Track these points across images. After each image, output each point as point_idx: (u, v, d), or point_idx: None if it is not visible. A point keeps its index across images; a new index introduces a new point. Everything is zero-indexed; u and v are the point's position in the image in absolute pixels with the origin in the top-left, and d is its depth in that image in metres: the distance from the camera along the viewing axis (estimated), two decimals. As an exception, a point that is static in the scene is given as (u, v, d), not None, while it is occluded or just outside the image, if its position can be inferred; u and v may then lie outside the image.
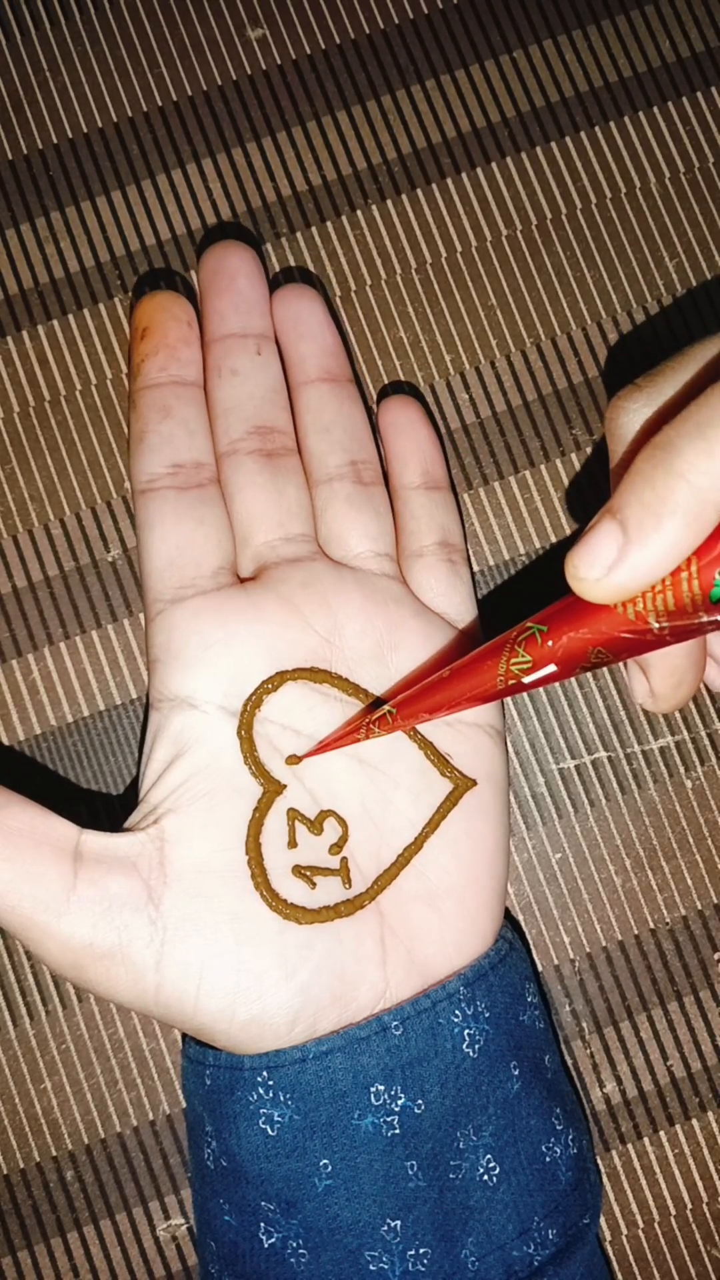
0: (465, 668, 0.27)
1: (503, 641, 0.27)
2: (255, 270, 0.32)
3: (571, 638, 0.25)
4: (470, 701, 0.27)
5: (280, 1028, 0.28)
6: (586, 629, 0.25)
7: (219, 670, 0.30)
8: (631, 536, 0.23)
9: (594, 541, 0.23)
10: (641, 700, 0.28)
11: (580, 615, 0.25)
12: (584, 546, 0.23)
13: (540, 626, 0.26)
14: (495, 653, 0.27)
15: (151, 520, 0.30)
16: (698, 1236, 0.33)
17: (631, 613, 0.24)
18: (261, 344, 0.32)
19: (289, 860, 0.29)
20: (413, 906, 0.30)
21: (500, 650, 0.27)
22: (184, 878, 0.28)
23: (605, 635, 0.25)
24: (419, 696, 0.28)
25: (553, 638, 0.25)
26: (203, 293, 0.32)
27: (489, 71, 0.35)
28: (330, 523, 0.32)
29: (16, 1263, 0.33)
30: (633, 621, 0.24)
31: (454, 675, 0.28)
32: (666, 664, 0.27)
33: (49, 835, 0.28)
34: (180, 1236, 0.33)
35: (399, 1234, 0.28)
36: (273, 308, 0.32)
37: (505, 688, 0.27)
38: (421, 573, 0.32)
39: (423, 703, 0.28)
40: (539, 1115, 0.30)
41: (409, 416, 0.33)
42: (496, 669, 0.27)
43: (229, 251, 0.31)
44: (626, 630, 0.24)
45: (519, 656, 0.26)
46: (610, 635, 0.25)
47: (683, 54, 0.35)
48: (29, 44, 0.35)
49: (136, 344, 0.31)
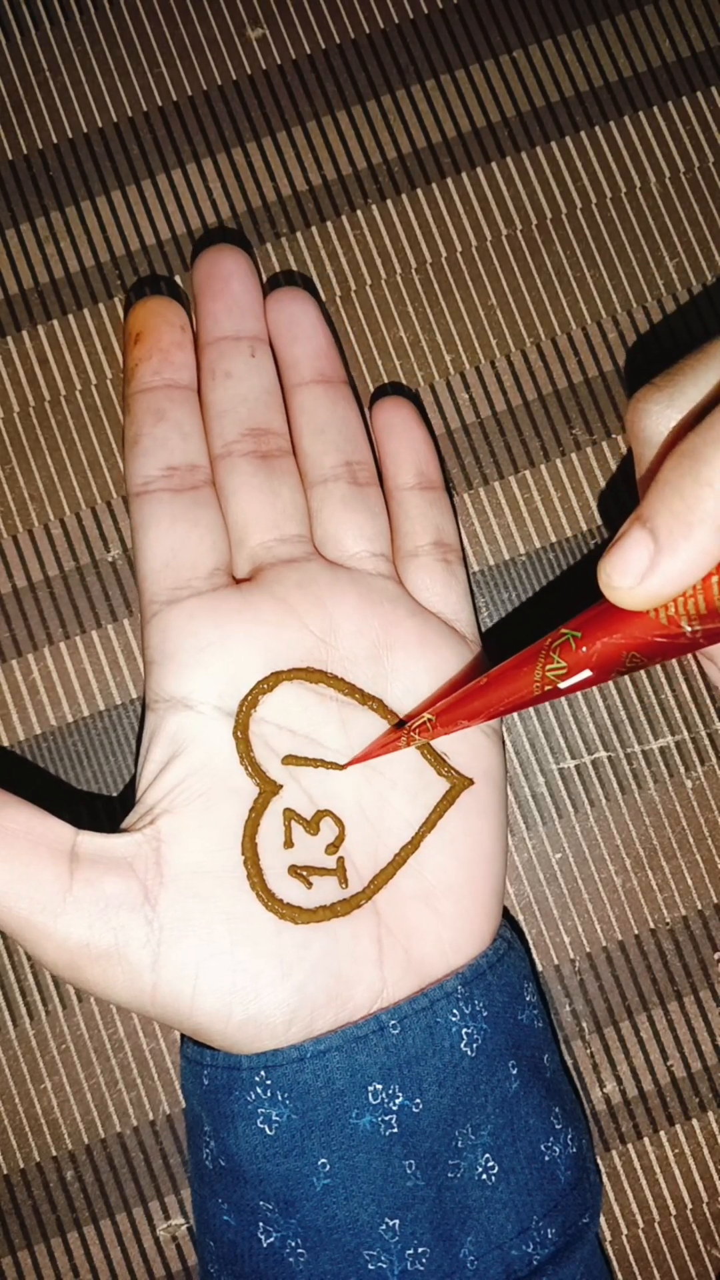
0: (502, 675, 0.28)
1: (538, 648, 0.27)
2: (248, 273, 0.32)
3: (606, 643, 0.26)
4: (508, 708, 0.28)
5: (277, 1027, 0.28)
6: (620, 634, 0.25)
7: (215, 671, 0.30)
8: (662, 545, 0.23)
9: (626, 550, 0.24)
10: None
11: (613, 621, 0.26)
12: (616, 555, 0.24)
13: (575, 633, 0.26)
14: (531, 659, 0.27)
15: (146, 523, 0.30)
16: (698, 1236, 0.33)
17: (664, 617, 0.25)
18: (255, 346, 0.32)
19: (285, 860, 0.29)
20: (410, 906, 0.30)
21: (536, 657, 0.27)
22: (180, 878, 0.28)
23: (639, 640, 0.25)
24: (458, 704, 0.29)
25: (587, 644, 0.26)
26: (196, 296, 0.32)
27: (489, 71, 0.35)
28: (326, 523, 0.32)
29: (16, 1263, 0.33)
30: (665, 626, 0.25)
31: (491, 682, 0.28)
32: None
33: (45, 836, 0.28)
34: (180, 1236, 0.33)
35: (397, 1233, 0.28)
36: (266, 310, 0.32)
37: (542, 694, 0.27)
38: (417, 573, 0.32)
39: (461, 709, 0.29)
40: (538, 1114, 0.30)
41: (402, 417, 0.33)
42: (533, 675, 0.27)
43: (222, 255, 0.32)
44: (660, 635, 0.25)
45: (554, 663, 0.27)
46: (644, 640, 0.25)
47: (683, 54, 0.35)
48: (29, 44, 0.35)
49: (130, 349, 0.31)
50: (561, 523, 0.34)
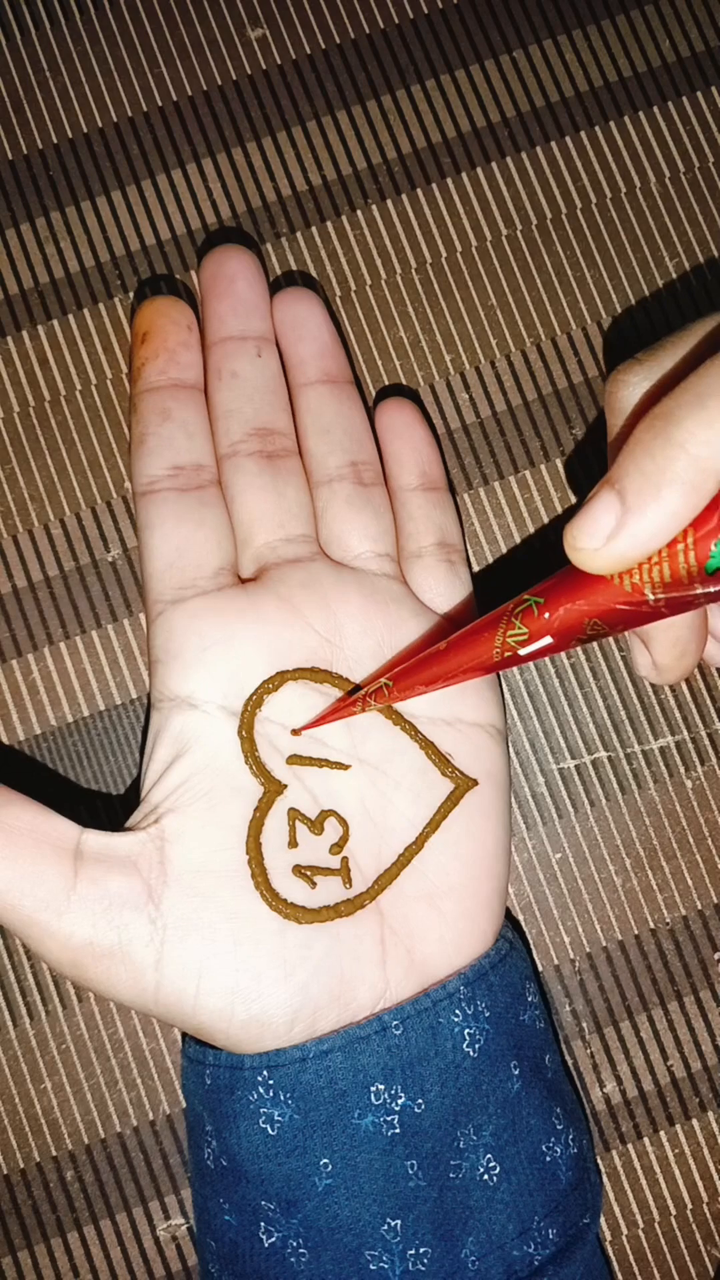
0: (461, 640, 0.28)
1: (499, 614, 0.27)
2: (255, 273, 0.32)
3: (568, 609, 0.25)
4: (466, 674, 0.28)
5: (279, 1027, 0.28)
6: (583, 601, 0.25)
7: (219, 670, 0.30)
8: (630, 505, 0.23)
9: (593, 511, 0.23)
10: (645, 673, 0.29)
11: (577, 587, 0.25)
12: (583, 517, 0.24)
13: (537, 599, 0.26)
14: (492, 625, 0.27)
15: (152, 522, 0.30)
16: (698, 1236, 0.33)
17: (628, 584, 0.24)
18: (261, 346, 0.32)
19: (289, 860, 0.29)
20: (413, 906, 0.30)
21: (497, 623, 0.27)
22: (184, 877, 0.28)
23: (601, 607, 0.25)
24: (415, 669, 0.28)
25: (549, 610, 0.26)
26: (203, 296, 0.32)
27: (489, 71, 0.35)
28: (331, 523, 0.32)
29: (16, 1263, 0.33)
30: (629, 593, 0.24)
31: (450, 648, 0.28)
32: (669, 635, 0.27)
33: (50, 834, 0.28)
34: (180, 1236, 0.33)
35: (399, 1233, 0.28)
36: (273, 310, 0.32)
37: (501, 660, 0.27)
38: (421, 573, 0.32)
39: (419, 675, 0.28)
40: (539, 1115, 0.30)
41: (405, 418, 0.33)
42: (493, 641, 0.27)
43: (229, 255, 0.32)
44: (623, 602, 0.25)
45: (515, 629, 0.26)
46: (607, 607, 0.25)
47: (683, 54, 0.35)
48: (29, 44, 0.35)
49: (137, 348, 0.31)
50: (561, 523, 0.34)
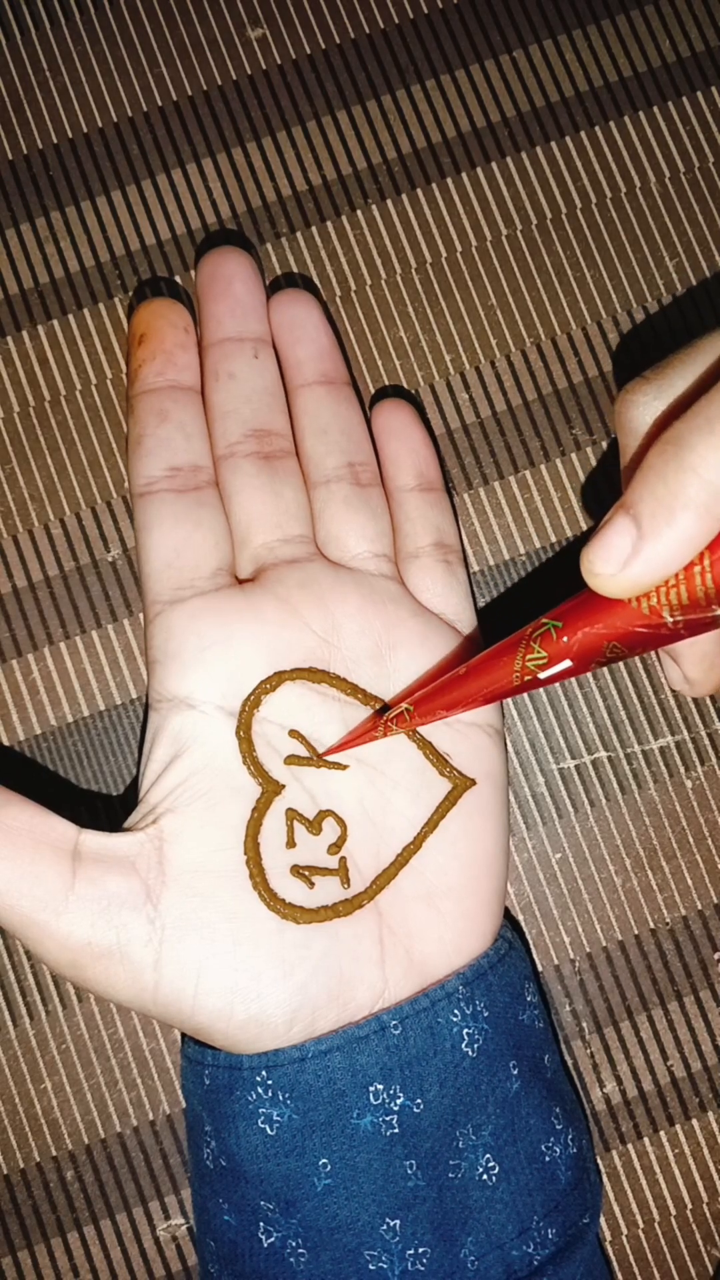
0: (481, 665, 0.28)
1: (518, 638, 0.27)
2: (252, 275, 0.32)
3: (586, 633, 0.25)
4: (487, 698, 0.28)
5: (278, 1027, 0.28)
6: (601, 624, 0.25)
7: (217, 671, 0.30)
8: (645, 531, 0.23)
9: (608, 537, 0.24)
10: (678, 686, 0.29)
11: (595, 610, 0.25)
12: (599, 542, 0.24)
13: (555, 623, 0.26)
14: (511, 649, 0.27)
15: (149, 523, 0.30)
16: (698, 1236, 0.33)
17: (645, 607, 0.24)
18: (258, 348, 0.32)
19: (287, 860, 0.29)
20: (411, 906, 0.30)
21: (516, 647, 0.27)
22: (182, 877, 0.28)
23: (620, 630, 0.25)
24: (436, 694, 0.28)
25: (568, 633, 0.26)
26: (200, 298, 0.32)
27: (489, 71, 0.35)
28: (328, 524, 0.32)
29: (16, 1263, 0.33)
30: (647, 616, 0.24)
31: (470, 672, 0.28)
32: (696, 651, 0.28)
33: (48, 834, 0.28)
34: (180, 1236, 0.33)
35: (398, 1233, 0.28)
36: (270, 312, 0.32)
37: (521, 684, 0.27)
38: (418, 574, 0.32)
39: (440, 699, 0.28)
40: (538, 1115, 0.30)
41: (402, 419, 0.33)
42: (512, 665, 0.27)
43: (225, 257, 0.32)
44: (641, 625, 0.25)
45: (534, 653, 0.26)
46: (625, 630, 0.25)
47: (683, 54, 0.35)
48: (29, 44, 0.35)
49: (134, 350, 0.32)
50: (561, 523, 0.34)
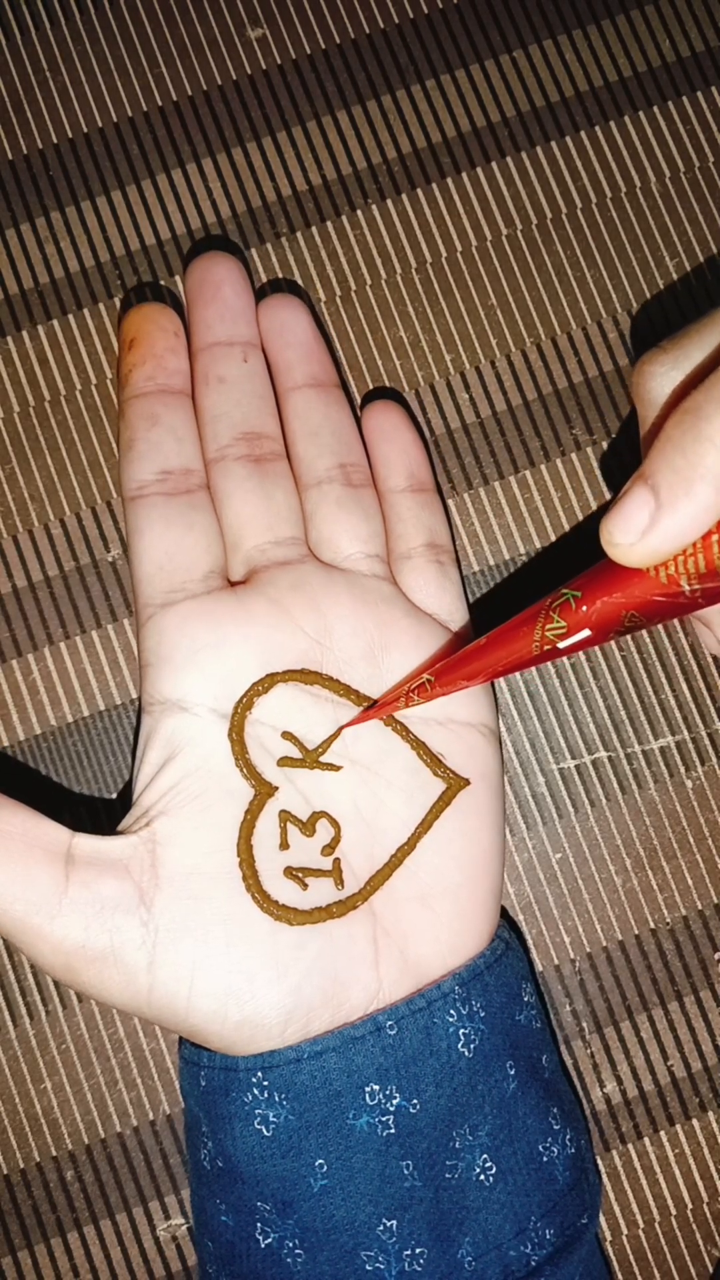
0: (501, 635, 0.28)
1: (538, 609, 0.27)
2: (241, 279, 0.32)
3: (605, 602, 0.26)
4: (507, 668, 0.28)
5: (273, 1028, 0.28)
6: (620, 594, 0.25)
7: (209, 673, 0.30)
8: (663, 501, 0.24)
9: (627, 507, 0.24)
10: (716, 650, 0.30)
11: (613, 580, 0.26)
12: (617, 512, 0.24)
13: (574, 592, 0.26)
14: (530, 619, 0.27)
15: (141, 526, 0.31)
16: (698, 1236, 0.33)
17: (664, 576, 0.25)
18: (248, 352, 0.32)
19: (281, 862, 0.29)
20: (406, 907, 0.30)
21: (535, 617, 0.27)
22: (176, 880, 0.28)
23: (638, 599, 0.25)
24: (457, 664, 0.29)
25: (587, 603, 0.26)
26: (189, 303, 0.32)
27: (489, 71, 0.35)
28: (320, 526, 0.32)
29: (16, 1263, 0.33)
30: (665, 585, 0.25)
31: (490, 642, 0.28)
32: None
33: (41, 838, 0.28)
34: (180, 1236, 0.33)
35: (395, 1234, 0.28)
36: (259, 316, 0.32)
37: (541, 653, 0.27)
38: (411, 574, 0.32)
39: (460, 670, 0.29)
40: (536, 1115, 0.30)
41: (393, 421, 0.33)
42: (532, 635, 0.27)
43: (214, 262, 0.32)
44: (659, 594, 0.25)
45: (554, 622, 0.27)
46: (643, 599, 0.25)
47: (683, 54, 0.35)
48: (29, 44, 0.35)
49: (124, 354, 0.32)
50: (561, 523, 0.34)
